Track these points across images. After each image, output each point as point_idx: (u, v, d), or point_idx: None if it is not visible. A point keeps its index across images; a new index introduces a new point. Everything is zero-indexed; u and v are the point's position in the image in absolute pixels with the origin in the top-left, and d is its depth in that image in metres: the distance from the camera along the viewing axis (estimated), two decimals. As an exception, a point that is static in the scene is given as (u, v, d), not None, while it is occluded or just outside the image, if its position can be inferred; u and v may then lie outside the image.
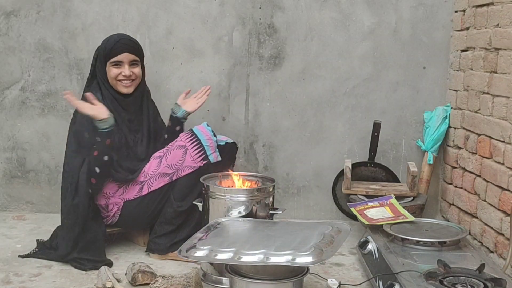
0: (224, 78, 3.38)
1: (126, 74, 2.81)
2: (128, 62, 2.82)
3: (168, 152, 2.80)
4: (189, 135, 2.81)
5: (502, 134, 2.65)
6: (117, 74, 2.81)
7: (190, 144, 2.78)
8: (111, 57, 2.80)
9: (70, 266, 2.65)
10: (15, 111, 3.37)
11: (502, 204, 2.62)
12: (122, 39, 2.84)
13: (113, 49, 2.80)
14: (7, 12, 3.29)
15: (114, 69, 2.81)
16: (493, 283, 2.10)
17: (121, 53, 2.81)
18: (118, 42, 2.82)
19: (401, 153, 3.43)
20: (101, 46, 2.86)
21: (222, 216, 2.54)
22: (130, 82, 2.84)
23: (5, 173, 3.42)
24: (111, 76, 2.82)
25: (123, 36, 2.90)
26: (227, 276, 2.23)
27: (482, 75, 2.89)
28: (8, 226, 3.20)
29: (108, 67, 2.82)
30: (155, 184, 2.78)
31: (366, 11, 3.33)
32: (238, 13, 3.33)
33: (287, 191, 3.46)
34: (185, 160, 2.76)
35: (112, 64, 2.81)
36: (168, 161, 2.77)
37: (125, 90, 2.85)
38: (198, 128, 2.85)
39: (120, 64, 2.81)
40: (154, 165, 2.80)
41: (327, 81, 3.38)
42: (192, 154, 2.76)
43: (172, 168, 2.77)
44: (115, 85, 2.84)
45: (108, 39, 2.86)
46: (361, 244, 2.70)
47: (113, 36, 2.88)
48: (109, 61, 2.81)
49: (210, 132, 2.82)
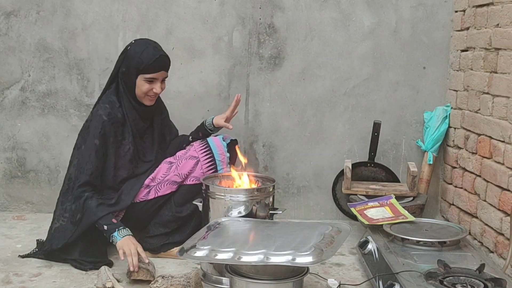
0: (224, 78, 3.38)
1: (158, 92, 2.75)
2: (162, 79, 2.77)
3: (180, 161, 2.78)
4: (204, 147, 2.80)
5: (502, 134, 2.65)
6: (148, 90, 2.73)
7: (203, 156, 2.77)
8: (147, 73, 2.70)
9: (70, 266, 2.65)
10: (15, 111, 3.37)
11: (502, 204, 2.62)
12: (161, 56, 2.72)
13: (152, 66, 2.69)
14: (7, 12, 3.29)
15: (146, 84, 2.72)
16: (493, 283, 2.10)
17: (159, 71, 2.72)
18: (158, 60, 2.70)
19: (401, 153, 3.43)
20: (133, 54, 2.71)
21: (222, 216, 2.53)
22: (155, 97, 2.81)
23: (5, 173, 3.42)
24: (142, 91, 2.73)
25: (159, 50, 2.75)
26: (227, 276, 2.23)
27: (482, 75, 2.89)
28: (8, 226, 3.20)
29: (140, 80, 2.72)
30: (162, 190, 2.77)
31: (366, 11, 3.33)
32: (238, 13, 3.33)
33: (287, 191, 3.46)
34: (195, 171, 2.76)
35: (146, 79, 2.72)
36: (178, 169, 2.76)
37: (149, 103, 2.80)
38: (213, 141, 2.83)
39: (153, 81, 2.74)
40: (163, 170, 2.79)
41: (327, 81, 3.38)
42: (203, 167, 2.76)
43: (181, 177, 2.76)
44: (142, 98, 2.77)
45: (143, 51, 2.70)
46: (361, 244, 2.70)
47: (148, 48, 2.72)
48: (143, 75, 2.71)
49: (224, 148, 2.81)
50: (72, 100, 3.36)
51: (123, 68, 2.75)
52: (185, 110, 3.35)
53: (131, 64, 2.71)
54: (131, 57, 2.72)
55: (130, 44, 2.79)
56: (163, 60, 2.74)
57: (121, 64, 2.77)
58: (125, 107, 2.77)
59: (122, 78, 2.77)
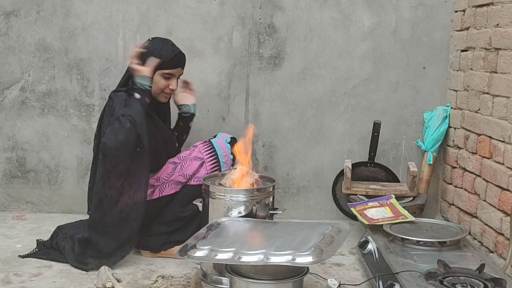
0: (224, 78, 3.38)
1: (174, 88, 2.80)
2: (178, 76, 2.82)
3: (185, 162, 2.79)
4: (208, 148, 2.81)
5: (502, 134, 2.65)
6: (166, 86, 2.78)
7: (208, 157, 2.79)
8: (165, 69, 2.75)
9: (70, 266, 2.65)
10: (15, 111, 3.37)
11: (502, 204, 2.62)
12: (179, 53, 2.79)
13: (170, 62, 2.75)
14: (7, 12, 3.29)
15: (164, 80, 2.76)
16: (493, 283, 2.10)
17: (177, 68, 2.79)
18: (176, 56, 2.77)
19: (401, 153, 3.43)
20: (154, 52, 2.73)
21: (222, 216, 2.54)
22: (170, 94, 2.85)
23: (5, 173, 3.42)
24: (159, 87, 2.77)
25: (176, 47, 2.81)
26: (227, 276, 2.23)
27: (482, 75, 2.89)
28: (8, 226, 3.20)
29: (157, 76, 2.75)
30: (166, 190, 2.78)
31: (366, 11, 3.33)
32: (238, 13, 3.33)
33: (287, 191, 3.46)
34: (199, 172, 2.77)
35: (164, 74, 2.76)
36: (183, 170, 2.77)
37: (164, 100, 2.85)
38: (218, 142, 2.84)
39: (170, 77, 2.78)
40: (168, 170, 2.80)
41: (327, 81, 3.38)
42: (208, 168, 2.78)
43: (186, 178, 2.78)
44: (158, 94, 2.79)
45: (161, 47, 2.76)
46: (361, 244, 2.70)
47: (167, 46, 2.78)
48: (161, 70, 2.74)
49: (228, 149, 2.83)
50: (72, 100, 3.36)
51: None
52: (185, 110, 3.35)
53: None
54: (150, 53, 2.74)
55: (148, 41, 2.82)
56: (181, 57, 2.81)
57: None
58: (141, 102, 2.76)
59: None
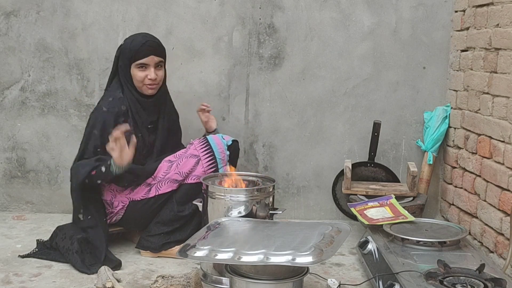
0: (224, 78, 3.38)
1: (152, 77, 2.78)
2: (154, 64, 2.79)
3: (180, 159, 2.79)
4: (204, 145, 2.80)
5: (502, 134, 2.65)
6: (143, 78, 2.77)
7: (203, 154, 2.78)
8: (137, 60, 2.76)
9: (70, 266, 2.65)
10: (15, 111, 3.37)
11: (502, 204, 2.62)
12: (148, 41, 2.78)
13: (139, 51, 2.75)
14: (7, 12, 3.29)
15: (140, 72, 2.77)
16: (493, 283, 2.10)
17: (147, 56, 2.77)
18: (144, 45, 2.76)
19: (401, 153, 3.43)
20: (125, 46, 2.80)
21: (222, 216, 2.54)
22: (155, 85, 2.82)
23: (5, 173, 3.42)
24: (137, 79, 2.78)
25: (148, 37, 2.83)
26: (227, 276, 2.23)
27: (482, 75, 2.89)
28: (8, 226, 3.19)
29: (133, 69, 2.78)
30: (163, 189, 2.78)
31: (366, 11, 3.33)
32: (238, 13, 3.33)
33: (287, 191, 3.46)
34: (196, 170, 2.76)
35: (137, 66, 2.77)
36: (179, 168, 2.77)
37: (150, 92, 2.83)
38: (213, 139, 2.83)
39: (145, 67, 2.77)
40: (164, 168, 2.79)
41: (327, 81, 3.38)
42: (204, 165, 2.77)
43: (182, 176, 2.77)
44: (140, 87, 2.80)
45: (132, 40, 2.80)
46: (361, 244, 2.70)
47: (137, 37, 2.82)
48: (134, 63, 2.77)
49: (224, 146, 2.82)
50: (72, 100, 3.36)
51: (120, 62, 2.82)
52: (185, 110, 3.34)
53: (124, 55, 2.80)
54: (123, 49, 2.82)
55: (124, 40, 2.89)
56: (151, 44, 2.79)
57: (118, 60, 2.84)
58: (129, 99, 2.80)
59: (120, 72, 2.82)
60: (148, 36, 2.84)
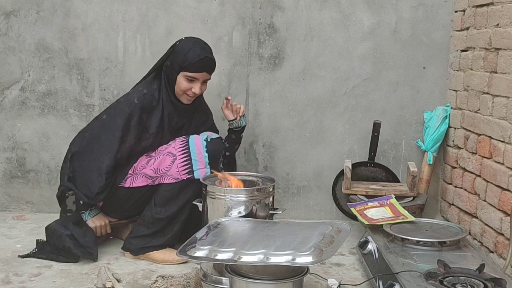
0: (224, 78, 3.38)
1: (197, 92, 2.75)
2: (202, 80, 2.77)
3: (158, 156, 2.75)
4: (183, 144, 2.76)
5: (502, 134, 2.65)
6: (187, 89, 2.74)
7: (180, 154, 2.73)
8: (188, 71, 2.71)
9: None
10: (15, 111, 3.37)
11: (502, 204, 2.62)
12: (206, 57, 2.72)
13: (194, 65, 2.70)
14: (7, 12, 3.29)
15: (186, 82, 2.73)
16: (493, 283, 2.10)
17: (200, 72, 2.73)
18: (202, 60, 2.71)
19: (401, 153, 3.43)
20: (180, 52, 2.73)
21: (222, 216, 2.53)
22: (194, 98, 2.81)
23: (5, 173, 3.42)
24: (181, 88, 2.75)
25: (206, 52, 2.75)
26: (227, 276, 2.23)
27: (482, 75, 2.89)
28: (8, 226, 3.20)
29: (180, 76, 2.73)
30: (137, 182, 2.76)
31: (366, 11, 3.33)
32: (238, 13, 3.33)
33: (287, 191, 3.46)
34: (171, 169, 2.72)
35: (186, 76, 2.73)
36: (155, 165, 2.73)
37: (187, 102, 2.81)
38: (194, 139, 2.78)
39: (193, 80, 2.74)
40: (142, 162, 2.77)
41: (327, 81, 3.38)
42: (178, 165, 2.72)
43: (157, 173, 2.73)
44: (180, 95, 2.78)
45: (189, 49, 2.72)
46: (361, 244, 2.70)
47: (196, 48, 2.73)
48: (184, 72, 2.72)
49: (203, 147, 2.75)
50: (72, 100, 3.36)
51: (168, 62, 2.77)
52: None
53: (176, 59, 2.73)
54: (177, 52, 2.74)
55: (180, 40, 2.82)
56: (208, 62, 2.75)
57: (166, 58, 2.79)
58: (164, 99, 2.77)
59: (166, 71, 2.78)
60: (206, 49, 2.77)
